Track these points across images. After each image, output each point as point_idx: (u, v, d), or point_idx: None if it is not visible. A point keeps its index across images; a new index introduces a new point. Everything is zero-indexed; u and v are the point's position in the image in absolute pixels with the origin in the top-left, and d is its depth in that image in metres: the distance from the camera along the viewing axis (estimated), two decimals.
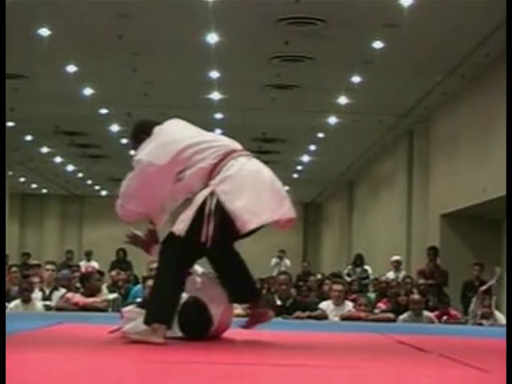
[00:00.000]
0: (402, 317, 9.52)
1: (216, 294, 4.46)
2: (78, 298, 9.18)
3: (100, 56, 13.68)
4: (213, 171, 4.24)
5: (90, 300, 9.07)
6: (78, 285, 10.21)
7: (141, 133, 4.55)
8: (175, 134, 4.46)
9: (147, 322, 4.17)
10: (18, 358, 3.12)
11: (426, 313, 9.75)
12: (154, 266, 9.69)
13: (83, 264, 17.53)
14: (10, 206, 24.09)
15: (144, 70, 14.40)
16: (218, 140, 4.51)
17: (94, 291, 9.26)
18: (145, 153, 4.37)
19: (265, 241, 4.36)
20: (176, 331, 4.40)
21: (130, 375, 2.88)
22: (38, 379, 2.67)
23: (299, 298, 10.06)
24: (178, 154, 4.29)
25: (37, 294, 9.90)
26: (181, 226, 4.17)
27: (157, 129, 4.49)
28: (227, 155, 4.33)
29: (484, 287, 10.31)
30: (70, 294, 9.38)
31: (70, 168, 25.93)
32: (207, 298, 4.42)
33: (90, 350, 3.92)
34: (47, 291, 10.11)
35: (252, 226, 4.13)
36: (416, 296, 9.95)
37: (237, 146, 4.49)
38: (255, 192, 4.19)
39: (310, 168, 23.96)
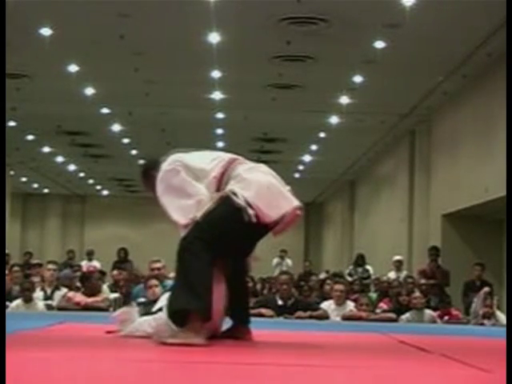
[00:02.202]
0: (404, 316, 9.53)
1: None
2: (79, 297, 9.19)
3: (101, 56, 13.69)
4: (222, 179, 4.34)
5: (91, 299, 9.07)
6: (79, 284, 10.22)
7: (149, 170, 4.60)
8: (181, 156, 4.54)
9: (183, 308, 4.06)
10: (18, 358, 3.12)
11: (428, 311, 9.75)
12: (157, 265, 9.72)
13: (85, 264, 17.53)
14: (11, 205, 24.11)
15: (145, 70, 14.40)
16: (220, 154, 4.60)
17: (94, 291, 9.26)
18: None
19: (266, 241, 4.34)
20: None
21: (130, 375, 2.88)
22: (38, 379, 2.66)
23: (301, 298, 10.06)
24: (184, 168, 4.40)
25: (38, 294, 9.90)
26: (198, 214, 4.22)
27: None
28: (231, 162, 4.43)
29: (486, 289, 10.27)
30: (71, 294, 9.38)
31: (72, 167, 25.95)
32: None
33: (90, 349, 3.91)
34: (49, 291, 10.11)
35: (277, 215, 4.21)
36: (417, 293, 9.97)
37: (238, 157, 4.56)
38: (269, 187, 4.30)
39: (311, 168, 23.97)
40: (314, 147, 21.21)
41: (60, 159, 24.29)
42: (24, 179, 28.32)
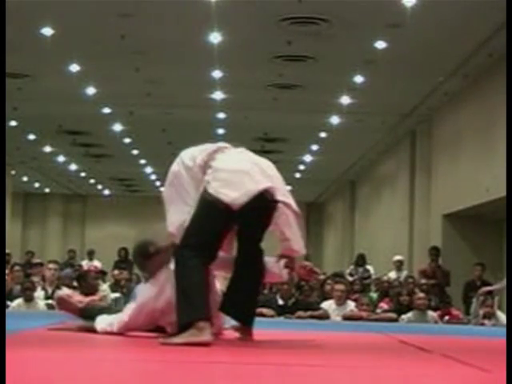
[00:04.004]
0: (406, 316, 9.52)
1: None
2: (77, 296, 9.17)
3: (103, 55, 13.69)
4: (205, 168, 4.36)
5: (89, 299, 9.06)
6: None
7: None
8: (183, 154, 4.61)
9: (187, 322, 4.03)
10: (18, 358, 3.12)
11: (431, 312, 9.75)
12: None
13: (85, 263, 17.55)
14: (12, 205, 24.12)
15: (146, 70, 14.40)
16: (212, 145, 4.63)
17: (91, 290, 9.24)
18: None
19: (266, 240, 4.32)
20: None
21: (129, 375, 2.88)
22: (38, 379, 2.66)
23: (301, 298, 10.06)
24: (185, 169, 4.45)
25: (39, 293, 9.91)
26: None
27: None
28: (215, 152, 4.47)
29: (486, 289, 10.27)
30: (70, 292, 9.37)
31: (73, 167, 25.95)
32: None
33: (90, 349, 3.92)
34: (50, 290, 10.11)
35: (241, 200, 4.15)
36: (420, 294, 9.96)
37: (226, 145, 4.59)
38: (236, 172, 4.29)
39: (312, 168, 23.96)
40: (314, 147, 21.21)
41: (61, 159, 24.30)
42: (25, 179, 28.32)
